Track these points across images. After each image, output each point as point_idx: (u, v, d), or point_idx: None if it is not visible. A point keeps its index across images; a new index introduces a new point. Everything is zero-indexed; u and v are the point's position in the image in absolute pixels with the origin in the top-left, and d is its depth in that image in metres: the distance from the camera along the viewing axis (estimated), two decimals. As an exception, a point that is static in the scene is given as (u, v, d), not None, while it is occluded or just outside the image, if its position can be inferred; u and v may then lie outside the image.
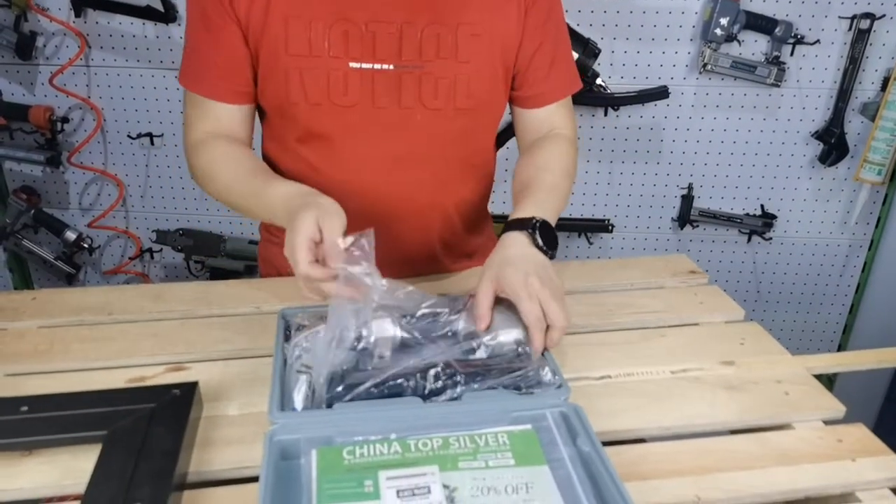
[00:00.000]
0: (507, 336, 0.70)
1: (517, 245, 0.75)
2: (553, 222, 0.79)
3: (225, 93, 0.84)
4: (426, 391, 0.66)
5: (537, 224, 0.76)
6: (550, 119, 0.94)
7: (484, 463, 0.59)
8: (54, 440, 0.62)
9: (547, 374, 0.69)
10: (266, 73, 0.83)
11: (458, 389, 0.66)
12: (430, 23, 0.81)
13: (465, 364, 0.68)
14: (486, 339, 0.70)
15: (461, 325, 0.72)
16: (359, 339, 0.66)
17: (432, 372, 0.66)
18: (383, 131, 0.85)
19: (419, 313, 0.72)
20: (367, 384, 0.64)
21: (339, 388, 0.64)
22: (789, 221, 1.74)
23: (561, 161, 0.89)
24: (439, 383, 0.66)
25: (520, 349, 0.70)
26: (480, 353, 0.70)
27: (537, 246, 0.75)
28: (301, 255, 0.66)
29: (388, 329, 0.68)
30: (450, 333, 0.72)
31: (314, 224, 0.68)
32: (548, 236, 0.76)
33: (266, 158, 0.95)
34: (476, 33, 0.83)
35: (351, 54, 0.81)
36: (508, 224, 0.78)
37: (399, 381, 0.65)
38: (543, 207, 0.79)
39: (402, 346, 0.69)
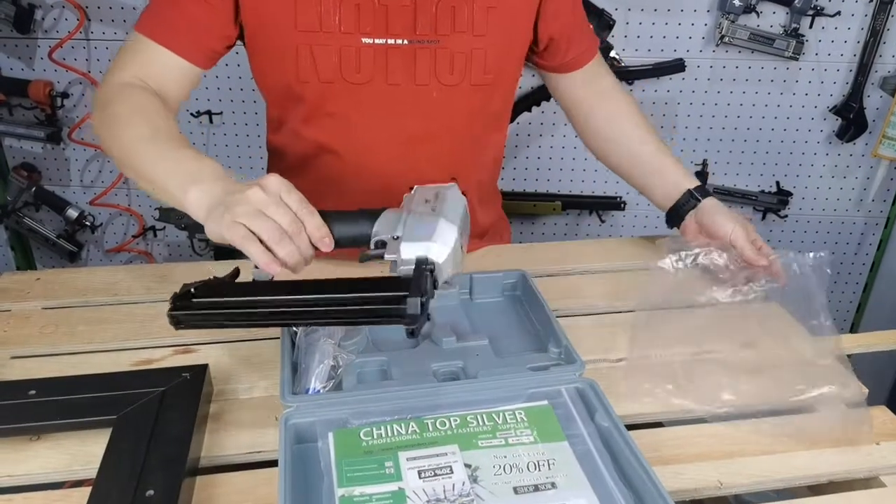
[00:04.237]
0: (409, 252, 0.57)
1: (715, 205, 0.87)
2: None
3: (189, 47, 0.77)
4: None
5: (709, 189, 0.91)
6: (594, 77, 0.94)
7: (504, 440, 0.59)
8: (63, 424, 0.61)
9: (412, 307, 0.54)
10: (273, 52, 0.80)
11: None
12: None
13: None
14: (388, 252, 0.58)
15: (376, 228, 0.62)
16: None
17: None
18: (397, 109, 0.83)
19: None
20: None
21: None
22: (805, 198, 1.71)
23: (644, 121, 0.96)
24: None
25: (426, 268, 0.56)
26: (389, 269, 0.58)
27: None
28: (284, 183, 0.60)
29: None
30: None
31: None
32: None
33: (271, 147, 0.93)
34: (492, 6, 0.81)
35: (363, 29, 0.78)
36: (693, 193, 0.89)
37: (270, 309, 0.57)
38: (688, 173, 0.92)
39: None
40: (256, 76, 0.85)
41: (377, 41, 0.78)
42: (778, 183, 1.69)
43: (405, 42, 0.79)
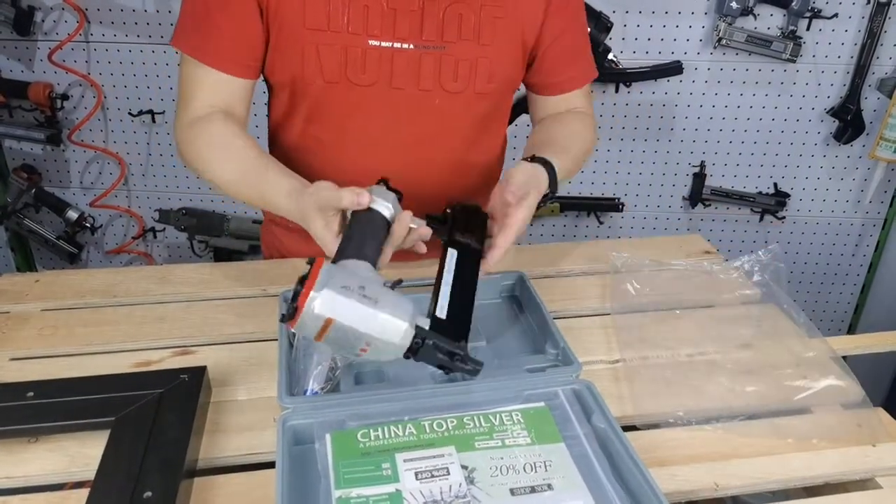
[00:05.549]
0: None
1: (530, 167, 0.79)
2: (560, 176, 0.82)
3: (233, 64, 0.80)
4: None
5: (550, 164, 0.80)
6: (569, 103, 0.93)
7: (500, 442, 0.59)
8: (61, 427, 0.61)
9: None
10: (280, 48, 0.80)
11: None
12: (453, 2, 0.79)
13: None
14: None
15: None
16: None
17: None
18: (399, 114, 0.83)
19: None
20: None
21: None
22: (802, 200, 1.71)
23: (580, 131, 0.90)
24: None
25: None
26: None
27: (551, 186, 0.79)
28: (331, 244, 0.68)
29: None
30: None
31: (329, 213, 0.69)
32: (553, 181, 0.80)
33: (272, 133, 0.93)
34: (499, 15, 0.81)
35: (370, 31, 0.78)
36: (525, 159, 0.81)
37: None
38: (558, 158, 0.83)
39: None
40: (267, 69, 0.85)
41: (384, 44, 0.79)
42: (776, 184, 1.69)
43: (411, 46, 0.80)
